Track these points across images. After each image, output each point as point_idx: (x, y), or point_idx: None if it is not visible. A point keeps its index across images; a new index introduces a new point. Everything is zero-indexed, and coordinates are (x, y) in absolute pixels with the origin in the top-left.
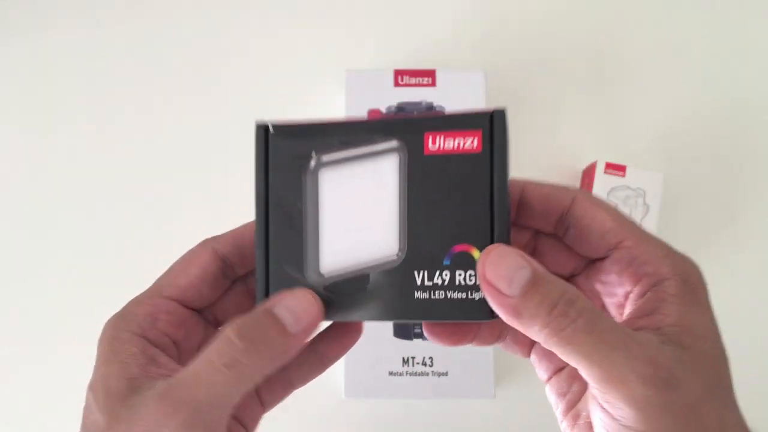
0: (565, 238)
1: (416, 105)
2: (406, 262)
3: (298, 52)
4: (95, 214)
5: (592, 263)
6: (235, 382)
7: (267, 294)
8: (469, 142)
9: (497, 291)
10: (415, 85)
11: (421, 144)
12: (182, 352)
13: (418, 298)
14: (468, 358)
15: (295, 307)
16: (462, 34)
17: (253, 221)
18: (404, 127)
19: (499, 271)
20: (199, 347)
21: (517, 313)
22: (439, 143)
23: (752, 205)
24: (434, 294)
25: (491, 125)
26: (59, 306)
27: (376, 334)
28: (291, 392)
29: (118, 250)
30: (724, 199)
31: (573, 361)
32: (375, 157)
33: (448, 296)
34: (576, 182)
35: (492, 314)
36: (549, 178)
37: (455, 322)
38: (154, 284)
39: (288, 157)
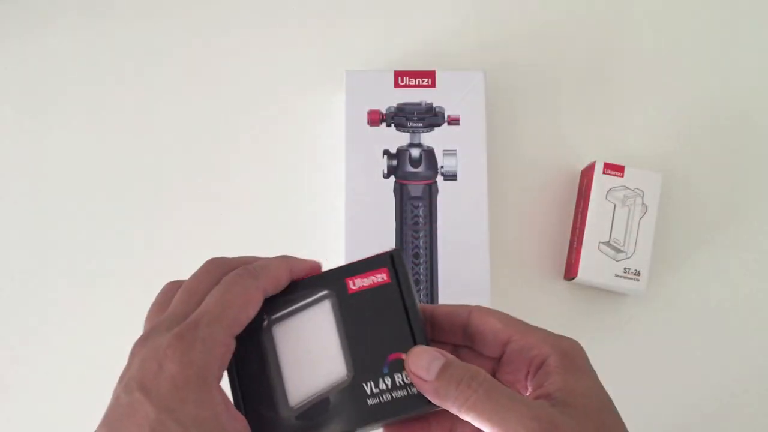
0: (474, 345)
1: (416, 106)
2: (355, 378)
3: (298, 52)
4: (92, 215)
5: (499, 361)
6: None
7: None
8: (380, 277)
9: (420, 378)
10: (415, 86)
11: (345, 287)
12: None
13: (371, 404)
14: None
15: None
16: (462, 35)
17: (284, 262)
18: (330, 278)
19: (420, 363)
20: None
21: (436, 392)
22: (358, 283)
23: (751, 205)
24: (383, 397)
25: (392, 261)
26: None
27: None
28: None
29: (115, 250)
30: (722, 198)
31: (479, 424)
32: (312, 305)
33: (393, 396)
34: (575, 182)
35: (428, 401)
36: (548, 178)
37: (405, 416)
38: (225, 314)
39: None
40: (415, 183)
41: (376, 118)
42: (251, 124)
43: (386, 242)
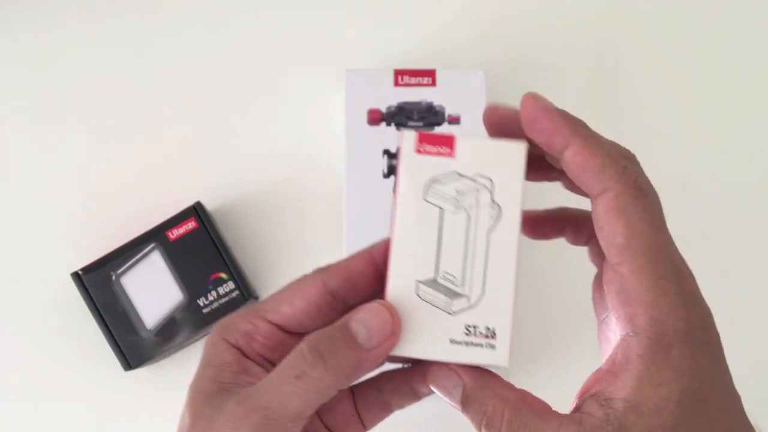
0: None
1: (416, 105)
2: (190, 298)
3: (298, 52)
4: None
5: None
6: (303, 394)
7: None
8: (190, 225)
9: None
10: (415, 84)
11: (166, 237)
12: None
13: (205, 312)
14: None
15: (369, 322)
16: (462, 34)
17: (362, 250)
18: (153, 234)
19: (441, 384)
20: None
21: (463, 410)
22: (175, 233)
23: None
24: (213, 305)
25: (196, 211)
26: None
27: None
28: (390, 414)
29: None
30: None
31: None
32: (146, 256)
33: (220, 303)
34: None
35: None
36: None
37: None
38: (262, 303)
39: (98, 283)
40: None
41: (376, 118)
42: (251, 123)
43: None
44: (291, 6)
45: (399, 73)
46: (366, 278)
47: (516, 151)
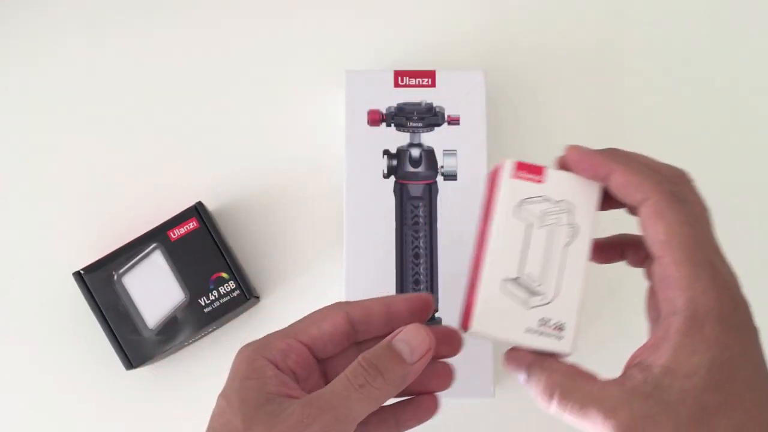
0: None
1: (416, 106)
2: (191, 297)
3: (298, 52)
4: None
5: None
6: (365, 400)
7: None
8: (191, 225)
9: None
10: (415, 85)
11: (168, 237)
12: (301, 388)
13: (207, 311)
14: (467, 357)
15: (411, 341)
16: (462, 35)
17: (380, 297)
18: (155, 234)
19: (510, 368)
20: (310, 391)
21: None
22: (177, 233)
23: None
24: (214, 305)
25: (198, 211)
26: None
27: None
28: None
29: None
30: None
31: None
32: (147, 256)
33: (221, 302)
34: None
35: (246, 298)
36: None
37: (233, 313)
38: (291, 326)
39: (100, 282)
40: (415, 183)
41: (376, 118)
42: (251, 124)
43: (386, 242)
44: (291, 6)
45: (399, 74)
46: (380, 319)
47: (593, 184)
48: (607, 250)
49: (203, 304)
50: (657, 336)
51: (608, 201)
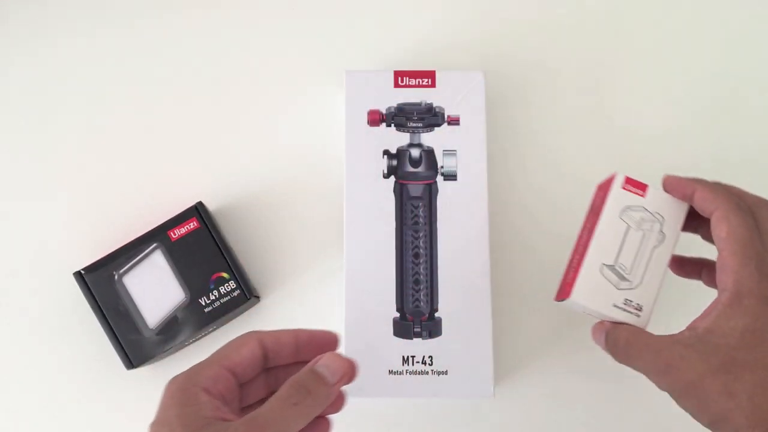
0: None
1: (416, 106)
2: (192, 297)
3: (298, 52)
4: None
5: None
6: (299, 416)
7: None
8: (192, 225)
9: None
10: (415, 86)
11: (168, 237)
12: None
13: (207, 311)
14: (467, 357)
15: (331, 365)
16: (462, 35)
17: (289, 329)
18: (155, 234)
19: (596, 337)
20: (236, 414)
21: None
22: (177, 233)
23: None
24: (214, 304)
25: (198, 211)
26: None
27: (376, 333)
28: None
29: None
30: None
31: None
32: (148, 256)
33: (222, 302)
34: (575, 183)
35: (246, 298)
36: (549, 179)
37: (233, 313)
38: (213, 355)
39: (101, 282)
40: (415, 183)
41: (376, 118)
42: (252, 124)
43: (386, 242)
44: (291, 7)
45: (399, 75)
46: (289, 349)
47: (682, 205)
48: (690, 265)
49: (203, 303)
50: (709, 308)
51: (690, 222)
